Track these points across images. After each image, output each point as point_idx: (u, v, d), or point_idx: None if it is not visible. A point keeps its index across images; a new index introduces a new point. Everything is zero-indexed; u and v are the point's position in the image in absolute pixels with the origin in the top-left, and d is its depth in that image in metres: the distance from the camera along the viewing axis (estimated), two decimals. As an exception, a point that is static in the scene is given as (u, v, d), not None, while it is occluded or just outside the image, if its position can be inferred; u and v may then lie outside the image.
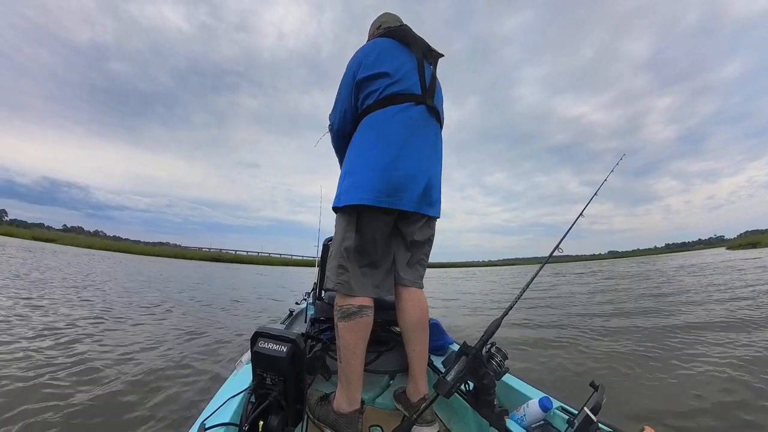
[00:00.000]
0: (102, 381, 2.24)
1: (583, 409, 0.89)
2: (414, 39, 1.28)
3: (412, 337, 1.22)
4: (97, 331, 3.50)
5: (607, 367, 2.83)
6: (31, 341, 2.95)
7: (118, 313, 4.66)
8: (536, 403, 1.07)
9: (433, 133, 1.26)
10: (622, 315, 5.18)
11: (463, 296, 9.76)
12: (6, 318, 3.65)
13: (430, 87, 1.25)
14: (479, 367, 1.04)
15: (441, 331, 1.73)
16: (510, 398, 1.26)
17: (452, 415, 1.33)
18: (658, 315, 4.91)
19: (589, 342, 3.66)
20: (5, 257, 12.58)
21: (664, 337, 3.66)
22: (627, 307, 5.85)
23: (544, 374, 2.76)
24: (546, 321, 5.00)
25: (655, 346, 3.30)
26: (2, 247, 19.53)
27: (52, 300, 5.04)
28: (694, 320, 4.37)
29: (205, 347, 3.31)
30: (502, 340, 3.46)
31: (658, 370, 2.65)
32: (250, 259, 60.03)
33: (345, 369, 1.11)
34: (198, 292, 8.49)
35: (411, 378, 1.25)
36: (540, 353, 3.33)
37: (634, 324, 4.42)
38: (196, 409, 1.91)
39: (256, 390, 0.98)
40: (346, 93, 1.26)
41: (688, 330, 3.85)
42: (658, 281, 10.45)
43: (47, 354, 2.68)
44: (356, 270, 1.15)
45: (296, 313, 2.79)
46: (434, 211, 1.24)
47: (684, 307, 5.41)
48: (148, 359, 2.77)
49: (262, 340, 0.98)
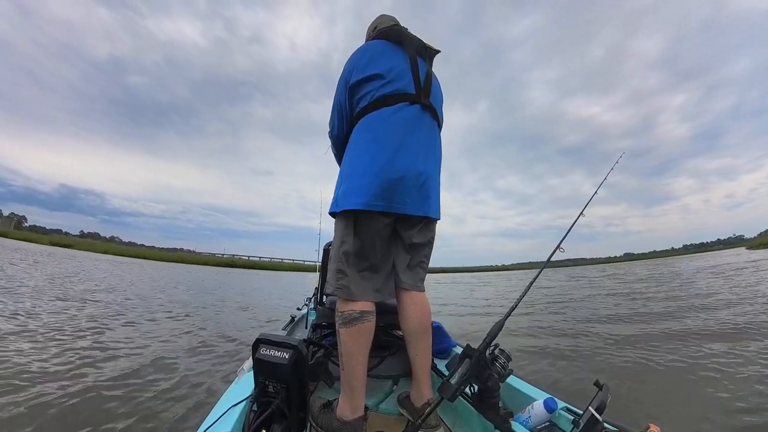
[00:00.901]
0: (95, 388, 2.22)
1: (588, 409, 0.88)
2: (406, 38, 1.27)
3: (414, 340, 1.21)
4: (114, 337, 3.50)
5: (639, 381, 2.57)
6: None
7: (133, 317, 4.79)
8: (541, 404, 1.06)
9: (430, 132, 1.25)
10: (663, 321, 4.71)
11: (482, 301, 9.47)
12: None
13: (425, 85, 1.23)
14: (483, 370, 1.03)
15: (444, 334, 1.72)
16: (514, 400, 1.25)
17: (457, 418, 1.32)
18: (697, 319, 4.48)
19: (618, 361, 3.18)
20: (30, 262, 12.93)
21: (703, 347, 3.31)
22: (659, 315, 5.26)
23: (555, 378, 2.71)
24: (561, 328, 4.78)
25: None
26: (24, 251, 20.06)
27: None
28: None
29: (213, 355, 3.30)
30: (513, 347, 3.41)
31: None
32: (263, 264, 60.48)
33: (348, 376, 1.10)
34: (213, 297, 8.65)
35: (414, 382, 1.23)
36: (552, 362, 3.24)
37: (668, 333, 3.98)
38: (197, 418, 1.89)
39: (258, 398, 0.97)
40: (340, 98, 1.27)
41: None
42: (694, 285, 9.40)
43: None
44: (356, 274, 1.14)
45: (298, 319, 2.78)
46: (433, 212, 1.23)
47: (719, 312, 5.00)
48: (153, 365, 2.75)
49: (263, 347, 0.97)
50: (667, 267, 22.80)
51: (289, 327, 2.55)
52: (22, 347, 2.89)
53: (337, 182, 1.24)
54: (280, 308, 7.24)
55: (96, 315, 4.58)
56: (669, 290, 8.71)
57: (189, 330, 4.30)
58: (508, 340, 4.02)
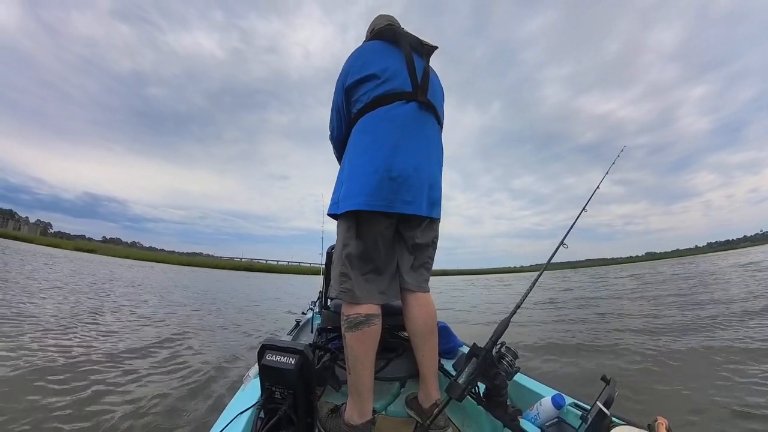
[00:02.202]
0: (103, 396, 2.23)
1: (595, 404, 0.88)
2: (401, 36, 1.26)
3: (420, 341, 1.21)
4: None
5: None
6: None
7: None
8: (549, 400, 1.06)
9: (429, 129, 1.23)
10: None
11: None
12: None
13: (422, 82, 1.22)
14: (490, 368, 1.03)
15: (450, 334, 1.72)
16: (522, 397, 1.24)
17: (465, 418, 1.32)
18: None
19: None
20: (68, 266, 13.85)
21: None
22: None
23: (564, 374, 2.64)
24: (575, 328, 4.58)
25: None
26: (51, 257, 21.26)
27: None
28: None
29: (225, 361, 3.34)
30: (520, 344, 3.28)
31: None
32: (280, 268, 60.83)
33: (355, 380, 1.10)
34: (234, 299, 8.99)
35: (422, 383, 1.23)
36: (560, 358, 3.15)
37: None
38: (204, 426, 1.88)
39: (266, 405, 0.97)
40: (338, 100, 1.28)
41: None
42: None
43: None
44: (360, 277, 1.13)
45: (303, 323, 2.78)
46: (435, 212, 1.21)
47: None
48: (160, 370, 2.75)
49: (269, 353, 0.97)
50: (694, 266, 21.32)
51: (294, 332, 2.55)
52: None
53: (337, 184, 1.24)
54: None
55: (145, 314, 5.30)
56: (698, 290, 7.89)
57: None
58: (514, 338, 3.98)
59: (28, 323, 3.80)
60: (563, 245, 1.33)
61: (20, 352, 2.80)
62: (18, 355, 2.73)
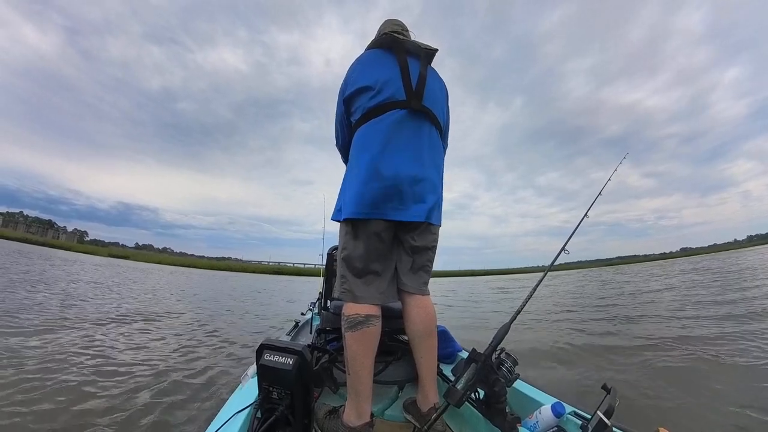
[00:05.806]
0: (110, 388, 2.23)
1: (596, 413, 0.87)
2: (396, 43, 1.26)
3: (419, 345, 1.21)
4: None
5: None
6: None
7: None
8: (549, 409, 1.05)
9: (422, 134, 1.22)
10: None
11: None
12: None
13: (417, 88, 1.21)
14: (489, 374, 1.02)
15: (449, 338, 1.71)
16: (522, 405, 1.23)
17: (463, 424, 1.31)
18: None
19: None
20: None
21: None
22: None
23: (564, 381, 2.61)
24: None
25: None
26: (85, 263, 21.74)
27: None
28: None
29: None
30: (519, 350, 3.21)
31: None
32: (307, 271, 60.82)
33: (353, 381, 1.10)
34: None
35: (420, 387, 1.22)
36: (558, 366, 3.10)
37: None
38: (200, 424, 1.88)
39: (263, 405, 0.96)
40: (339, 111, 1.34)
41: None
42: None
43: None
44: (359, 279, 1.16)
45: (302, 324, 2.77)
46: (433, 217, 1.21)
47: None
48: (165, 372, 2.76)
49: (267, 353, 0.97)
50: (731, 262, 19.59)
51: (293, 332, 2.55)
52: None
53: (339, 192, 1.30)
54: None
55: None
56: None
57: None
58: (514, 345, 3.92)
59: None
60: (564, 251, 1.33)
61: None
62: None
